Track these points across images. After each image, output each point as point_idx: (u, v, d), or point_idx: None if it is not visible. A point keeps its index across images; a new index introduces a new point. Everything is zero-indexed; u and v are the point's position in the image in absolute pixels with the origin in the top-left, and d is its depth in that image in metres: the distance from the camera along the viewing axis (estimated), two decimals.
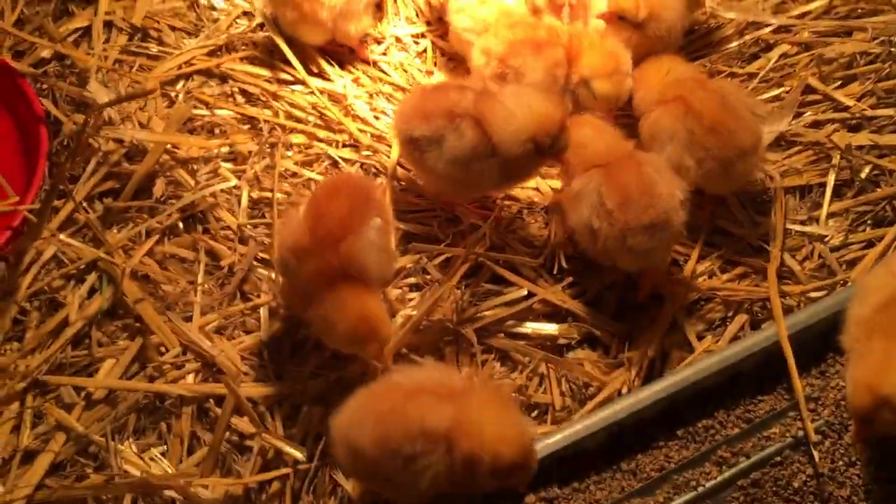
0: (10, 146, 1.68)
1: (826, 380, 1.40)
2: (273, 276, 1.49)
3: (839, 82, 1.74)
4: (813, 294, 1.53)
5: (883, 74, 1.72)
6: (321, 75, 1.79)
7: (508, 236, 1.55)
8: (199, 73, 1.74)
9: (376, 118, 1.72)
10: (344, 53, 1.83)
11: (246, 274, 1.51)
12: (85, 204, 1.55)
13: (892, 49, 1.73)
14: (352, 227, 1.30)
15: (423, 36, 1.90)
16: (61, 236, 1.50)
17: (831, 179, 1.65)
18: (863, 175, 1.64)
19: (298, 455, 1.33)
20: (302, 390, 1.41)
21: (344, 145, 1.67)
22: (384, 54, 1.86)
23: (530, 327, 1.48)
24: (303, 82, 1.76)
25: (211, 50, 1.77)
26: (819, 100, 1.73)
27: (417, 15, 1.94)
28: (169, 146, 1.60)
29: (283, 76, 1.77)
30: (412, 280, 1.50)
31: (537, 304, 1.48)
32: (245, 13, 1.87)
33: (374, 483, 1.26)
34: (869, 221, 1.62)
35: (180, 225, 1.55)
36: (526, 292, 1.48)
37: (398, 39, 1.90)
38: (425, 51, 1.88)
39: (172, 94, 1.72)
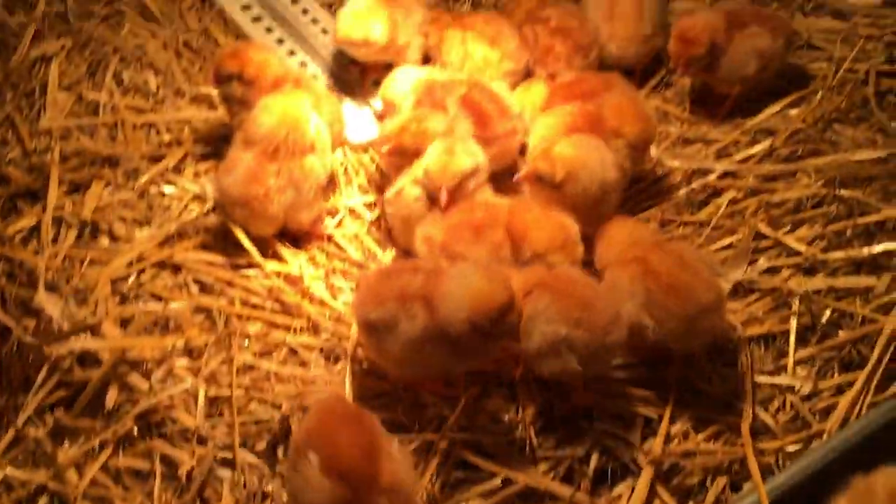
0: None
1: None
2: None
3: (789, 227, 1.76)
4: (790, 447, 1.51)
5: (831, 217, 1.74)
6: (276, 256, 1.77)
7: (476, 416, 1.51)
8: (152, 265, 1.72)
9: (334, 298, 1.70)
10: (298, 231, 1.83)
11: (205, 478, 1.45)
12: (35, 418, 1.49)
13: (837, 191, 1.76)
14: (379, 463, 1.24)
15: (375, 204, 1.91)
16: (9, 462, 1.44)
17: (793, 326, 1.64)
18: (824, 320, 1.64)
19: None
20: None
21: (302, 330, 1.64)
22: (339, 227, 1.86)
23: None
24: (258, 266, 1.74)
25: (163, 240, 1.76)
26: (771, 245, 1.75)
27: (369, 182, 1.95)
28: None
29: (238, 261, 1.75)
30: None
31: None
32: (196, 197, 1.86)
33: None
34: (836, 367, 1.61)
35: (135, 431, 1.49)
36: (500, 481, 1.43)
37: (351, 210, 1.90)
38: (380, 218, 1.89)
39: (125, 290, 1.69)
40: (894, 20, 2.15)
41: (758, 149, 1.91)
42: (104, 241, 1.77)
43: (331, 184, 1.90)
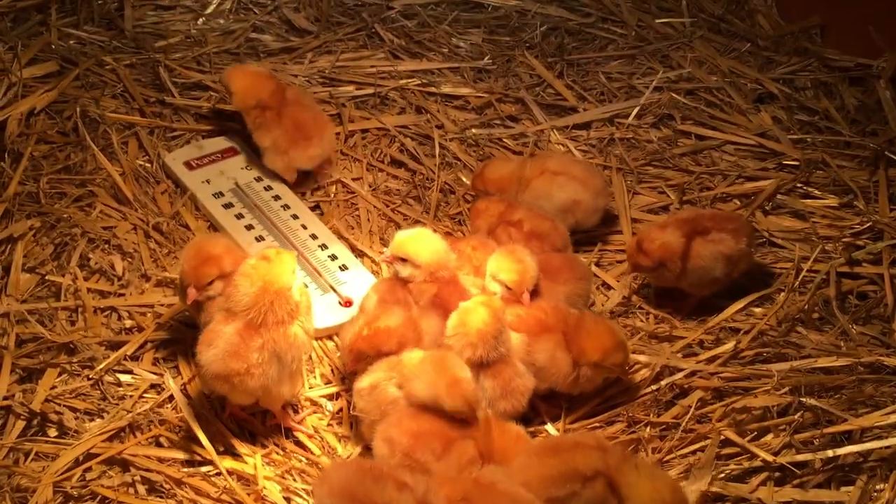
0: None
1: None
2: None
3: (755, 433, 1.73)
4: None
5: (797, 426, 1.71)
6: (231, 451, 1.71)
7: None
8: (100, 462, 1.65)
9: (288, 502, 1.63)
10: (256, 424, 1.77)
11: None
12: None
13: (801, 398, 1.74)
14: None
15: (338, 396, 1.87)
16: None
17: None
18: None
19: None
20: None
21: None
22: (300, 423, 1.80)
23: None
24: (211, 462, 1.68)
25: (113, 433, 1.69)
26: (738, 452, 1.71)
27: (333, 371, 1.92)
28: None
29: (192, 456, 1.69)
30: None
31: None
32: (153, 385, 1.81)
33: None
34: None
35: None
36: None
37: (313, 402, 1.86)
38: (341, 410, 1.84)
39: (69, 487, 1.61)
40: (850, 222, 2.21)
41: (723, 349, 1.91)
42: (53, 432, 1.71)
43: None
